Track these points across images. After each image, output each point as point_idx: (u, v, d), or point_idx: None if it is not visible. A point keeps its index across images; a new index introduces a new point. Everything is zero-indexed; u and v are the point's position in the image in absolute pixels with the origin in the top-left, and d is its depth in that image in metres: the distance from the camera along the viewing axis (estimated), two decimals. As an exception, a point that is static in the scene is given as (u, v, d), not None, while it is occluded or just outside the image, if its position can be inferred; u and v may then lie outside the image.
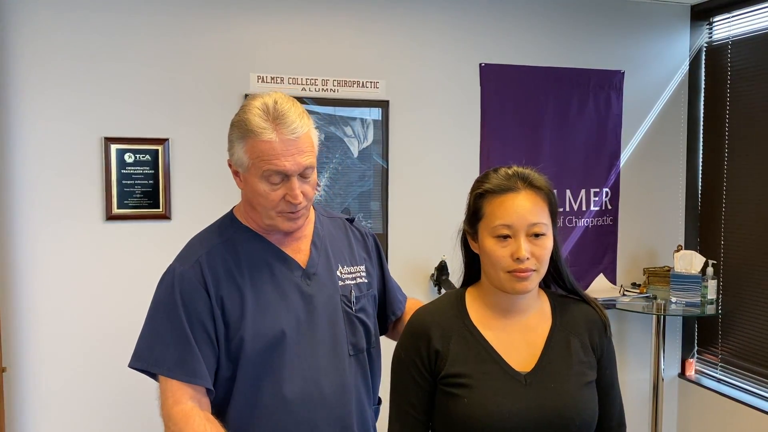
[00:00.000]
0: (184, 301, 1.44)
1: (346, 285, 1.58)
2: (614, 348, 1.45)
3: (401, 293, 1.80)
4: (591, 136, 3.52)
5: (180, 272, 1.47)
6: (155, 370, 1.44)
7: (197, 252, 1.50)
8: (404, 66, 3.20)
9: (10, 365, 2.72)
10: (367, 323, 1.61)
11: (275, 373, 1.46)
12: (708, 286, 3.33)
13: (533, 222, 1.30)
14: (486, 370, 1.32)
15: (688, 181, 3.70)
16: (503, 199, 1.31)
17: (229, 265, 1.49)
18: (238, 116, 1.45)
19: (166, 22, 2.87)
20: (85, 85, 2.79)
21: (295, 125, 1.41)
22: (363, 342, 1.59)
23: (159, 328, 1.46)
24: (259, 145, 1.40)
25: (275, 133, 1.39)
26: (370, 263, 1.68)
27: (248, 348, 1.45)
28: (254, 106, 1.42)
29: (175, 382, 1.41)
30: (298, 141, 1.41)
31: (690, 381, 3.66)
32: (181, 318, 1.43)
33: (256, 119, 1.40)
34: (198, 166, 2.94)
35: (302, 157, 1.42)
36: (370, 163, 3.18)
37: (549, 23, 3.41)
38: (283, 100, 1.43)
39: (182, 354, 1.42)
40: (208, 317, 1.44)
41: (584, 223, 3.55)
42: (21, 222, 2.75)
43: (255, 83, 3.00)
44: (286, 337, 1.47)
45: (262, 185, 1.43)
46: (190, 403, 1.40)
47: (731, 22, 3.47)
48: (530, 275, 1.31)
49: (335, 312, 1.55)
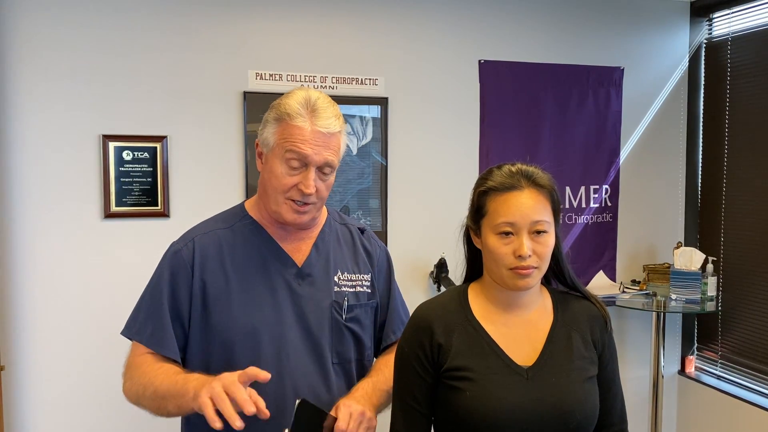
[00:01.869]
0: (168, 278, 1.50)
1: (341, 292, 1.56)
2: (615, 344, 1.45)
3: (406, 315, 1.73)
4: (590, 133, 3.52)
5: (173, 250, 1.53)
6: (134, 338, 1.51)
7: (196, 232, 1.55)
8: (403, 63, 3.20)
9: (8, 363, 2.71)
10: (359, 334, 1.58)
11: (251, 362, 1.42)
12: (708, 282, 3.33)
13: (536, 220, 1.31)
14: (488, 364, 1.33)
15: (688, 177, 3.70)
16: (506, 197, 1.32)
17: (222, 251, 1.51)
18: (279, 100, 1.49)
19: (164, 20, 2.86)
20: (83, 82, 2.78)
21: (330, 121, 1.46)
22: (350, 352, 1.57)
23: (143, 301, 1.54)
24: (290, 128, 1.44)
25: (309, 121, 1.44)
26: (376, 276, 1.65)
27: (224, 335, 1.47)
28: (298, 94, 1.47)
29: (142, 346, 1.50)
30: (328, 136, 1.45)
31: (690, 378, 3.66)
32: (162, 293, 1.49)
33: (296, 105, 1.45)
34: (197, 163, 2.94)
35: (327, 152, 1.45)
36: (369, 160, 3.17)
37: (548, 20, 3.40)
38: (325, 99, 1.49)
39: (155, 326, 1.49)
40: (186, 297, 1.49)
41: (584, 220, 3.55)
42: (19, 220, 2.74)
43: (253, 80, 2.99)
44: (265, 330, 1.47)
45: (280, 167, 1.45)
46: (148, 354, 1.48)
47: (731, 18, 3.47)
48: (532, 272, 1.31)
49: (323, 317, 1.53)
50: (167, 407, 1.38)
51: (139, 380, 1.43)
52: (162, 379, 1.39)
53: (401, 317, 1.71)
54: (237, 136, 2.98)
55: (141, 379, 1.43)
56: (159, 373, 1.41)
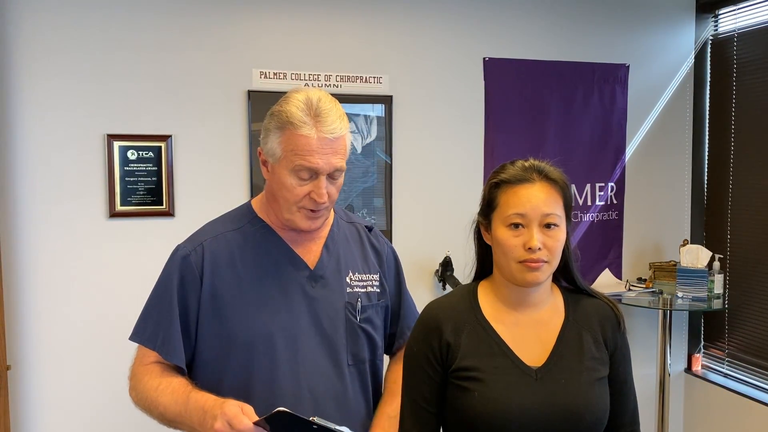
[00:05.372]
0: (177, 283, 1.46)
1: (354, 292, 1.55)
2: (629, 344, 1.43)
3: (417, 312, 1.72)
4: (596, 131, 3.50)
5: (181, 254, 1.48)
6: (145, 345, 1.49)
7: (205, 235, 1.51)
8: (407, 61, 3.19)
9: (15, 363, 2.71)
10: (372, 334, 1.57)
11: (268, 366, 1.44)
12: (714, 280, 3.32)
13: (547, 212, 1.30)
14: (497, 364, 1.31)
15: (694, 175, 3.68)
16: (518, 189, 1.31)
17: (233, 255, 1.48)
18: (279, 106, 1.43)
19: (168, 19, 2.86)
20: (88, 82, 2.78)
21: (335, 125, 1.41)
22: (364, 353, 1.56)
23: (152, 306, 1.50)
24: (295, 138, 1.39)
25: (314, 129, 1.39)
26: (384, 275, 1.64)
27: (240, 340, 1.45)
28: (297, 98, 1.41)
29: (150, 352, 1.48)
30: (335, 141, 1.41)
31: (696, 376, 3.65)
32: (172, 299, 1.46)
33: (298, 112, 1.39)
34: (201, 162, 2.93)
35: (335, 158, 1.42)
36: (373, 159, 3.17)
37: (553, 17, 3.39)
38: (326, 99, 1.43)
39: (166, 333, 1.46)
40: (194, 304, 1.46)
41: (590, 218, 3.54)
42: (24, 219, 2.74)
43: (258, 79, 2.98)
44: (281, 335, 1.45)
45: (290, 179, 1.42)
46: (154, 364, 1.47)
47: (737, 14, 3.45)
48: (541, 266, 1.30)
49: (337, 318, 1.52)
50: (180, 427, 1.42)
51: (145, 395, 1.44)
52: (168, 402, 1.40)
53: (414, 314, 1.70)
54: (241, 134, 2.98)
55: (146, 395, 1.43)
56: (166, 392, 1.41)
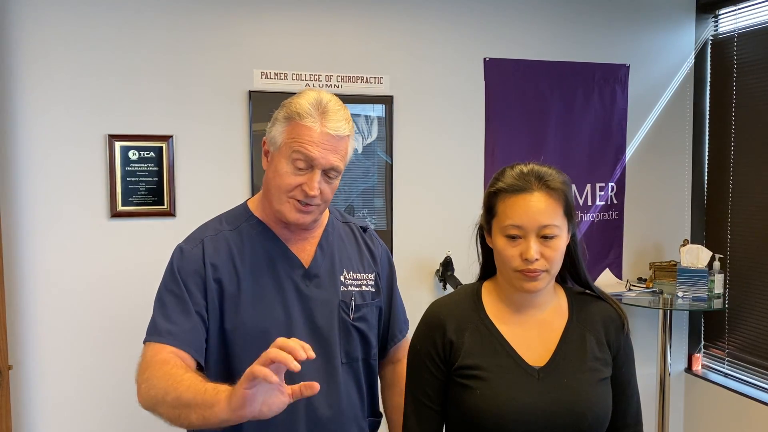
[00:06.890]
0: (182, 277, 1.47)
1: (348, 291, 1.56)
2: (632, 346, 1.43)
3: (405, 315, 1.77)
4: (596, 131, 3.51)
5: (182, 250, 1.50)
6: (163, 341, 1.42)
7: (204, 233, 1.53)
8: (408, 61, 3.19)
9: (16, 363, 2.72)
10: (366, 333, 1.58)
11: None
12: (714, 280, 3.32)
13: (544, 224, 1.29)
14: (500, 364, 1.32)
15: (694, 175, 3.69)
16: (515, 200, 1.31)
17: (231, 252, 1.50)
18: (291, 99, 1.48)
19: (169, 19, 2.86)
20: (89, 82, 2.78)
21: (340, 125, 1.45)
22: (357, 351, 1.57)
23: (161, 305, 1.48)
24: (299, 128, 1.43)
25: (319, 122, 1.43)
26: (379, 275, 1.65)
27: (236, 337, 1.46)
28: (309, 95, 1.47)
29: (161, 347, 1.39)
30: (337, 140, 1.44)
31: (697, 376, 3.65)
32: (181, 293, 1.45)
33: (307, 105, 1.44)
34: (202, 162, 2.94)
35: (334, 156, 1.44)
36: (374, 159, 3.17)
37: (553, 17, 3.39)
38: (336, 101, 1.48)
39: (182, 326, 1.42)
40: (201, 295, 1.46)
41: (590, 218, 3.54)
42: (26, 220, 2.74)
43: (258, 79, 2.99)
44: (275, 332, 1.45)
45: (285, 166, 1.44)
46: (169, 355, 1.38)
47: (737, 14, 3.45)
48: (539, 275, 1.30)
49: (331, 317, 1.53)
50: (189, 417, 1.22)
51: (159, 383, 1.29)
52: (188, 385, 1.24)
53: (404, 317, 1.74)
54: (242, 135, 2.98)
55: (162, 383, 1.29)
56: (184, 378, 1.27)
